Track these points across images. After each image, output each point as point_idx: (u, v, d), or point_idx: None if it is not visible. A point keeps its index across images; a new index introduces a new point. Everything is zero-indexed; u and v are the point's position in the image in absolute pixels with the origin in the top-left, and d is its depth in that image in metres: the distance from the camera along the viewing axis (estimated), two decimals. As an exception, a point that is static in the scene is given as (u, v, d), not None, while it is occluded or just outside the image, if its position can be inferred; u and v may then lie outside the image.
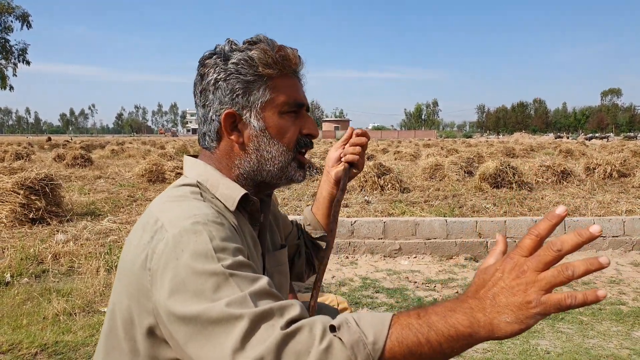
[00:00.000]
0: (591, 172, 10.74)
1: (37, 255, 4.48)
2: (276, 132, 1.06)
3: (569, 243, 0.70)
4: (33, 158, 17.11)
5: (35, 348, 2.62)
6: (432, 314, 0.75)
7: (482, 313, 0.73)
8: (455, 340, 0.73)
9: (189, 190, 1.02)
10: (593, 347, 2.92)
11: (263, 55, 1.05)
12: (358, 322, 0.76)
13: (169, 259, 0.84)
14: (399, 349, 0.74)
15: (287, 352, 0.73)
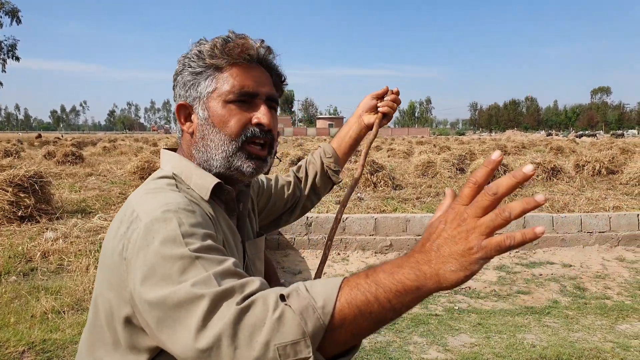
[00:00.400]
0: (580, 169, 10.85)
1: (25, 253, 4.45)
2: (218, 121, 1.08)
3: (504, 185, 0.69)
4: (22, 155, 16.98)
5: (22, 346, 2.62)
6: (379, 272, 0.76)
7: (428, 265, 0.74)
8: (403, 294, 0.74)
9: (165, 182, 1.05)
10: (577, 341, 2.96)
11: (211, 47, 1.07)
12: (309, 289, 0.77)
13: (141, 246, 0.87)
14: (348, 310, 0.75)
15: (243, 326, 0.74)
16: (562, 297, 3.81)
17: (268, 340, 0.72)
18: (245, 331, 0.74)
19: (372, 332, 0.76)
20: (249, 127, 1.08)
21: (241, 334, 0.74)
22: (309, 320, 0.73)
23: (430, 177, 10.51)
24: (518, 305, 3.62)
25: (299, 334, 0.72)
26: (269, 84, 1.14)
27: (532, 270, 4.53)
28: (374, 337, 2.97)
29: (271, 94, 1.13)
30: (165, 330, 0.81)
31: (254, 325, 0.74)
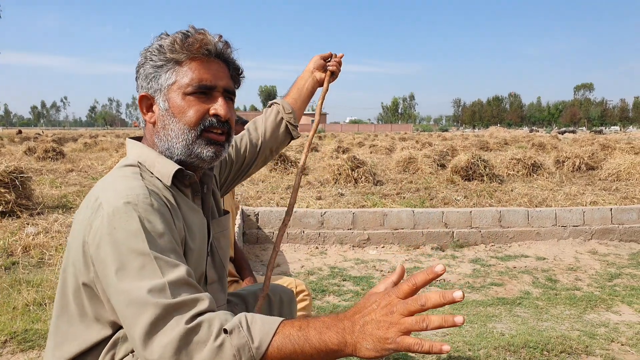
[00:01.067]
0: (561, 165, 11.04)
1: (7, 247, 4.46)
2: (177, 112, 1.15)
3: (431, 301, 0.84)
4: (3, 151, 16.73)
5: (4, 336, 2.66)
6: (311, 328, 0.90)
7: (351, 336, 0.88)
8: (325, 353, 0.89)
9: (130, 170, 1.12)
10: (546, 329, 3.08)
11: (171, 42, 1.15)
12: (250, 326, 0.90)
13: (103, 234, 0.96)
14: (277, 355, 0.89)
15: (187, 343, 0.87)
16: (533, 289, 3.95)
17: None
18: (189, 349, 0.87)
19: None
20: (207, 118, 1.16)
21: (184, 350, 0.87)
22: (243, 356, 0.87)
23: (412, 173, 10.63)
24: (490, 297, 3.75)
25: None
26: (226, 77, 1.22)
27: (506, 263, 4.66)
28: None
29: (228, 86, 1.21)
30: (122, 316, 0.93)
31: (197, 345, 0.87)
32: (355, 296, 3.66)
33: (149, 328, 0.88)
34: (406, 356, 2.65)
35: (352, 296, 3.66)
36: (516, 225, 5.36)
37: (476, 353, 2.68)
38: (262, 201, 6.55)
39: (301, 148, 18.26)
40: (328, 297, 3.65)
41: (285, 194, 7.26)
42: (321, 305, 3.43)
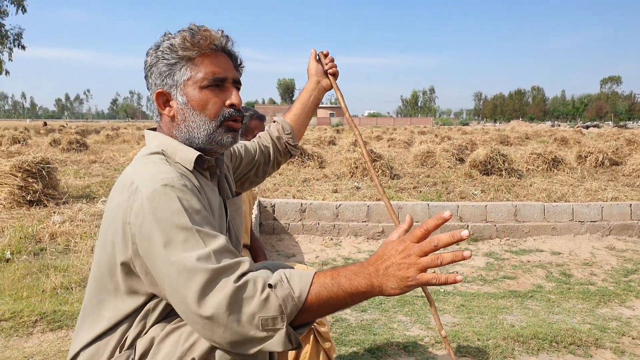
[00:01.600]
0: (583, 160, 10.87)
1: (35, 234, 4.66)
2: (197, 105, 1.26)
3: (443, 241, 1.01)
4: (29, 142, 17.18)
5: (35, 316, 2.82)
6: (342, 276, 1.06)
7: (376, 279, 1.04)
8: (355, 296, 1.05)
9: (157, 157, 1.23)
10: (556, 322, 3.12)
11: (181, 40, 1.25)
12: (290, 280, 1.04)
13: (146, 214, 1.07)
14: (316, 301, 1.04)
15: (237, 299, 1.00)
16: (546, 283, 3.97)
17: (254, 312, 0.99)
18: (239, 304, 0.99)
19: (328, 314, 1.10)
20: (225, 109, 1.28)
21: (235, 305, 0.99)
22: (288, 305, 1.01)
23: (430, 167, 10.62)
24: (503, 289, 3.79)
25: (279, 312, 1.00)
26: (232, 68, 1.33)
27: (520, 257, 4.69)
28: (360, 315, 3.15)
29: (236, 77, 1.33)
30: (170, 290, 1.05)
31: (245, 300, 1.00)
32: (369, 286, 3.74)
33: (201, 290, 1.00)
34: (416, 344, 2.72)
35: (365, 286, 3.74)
36: (532, 220, 5.37)
37: (485, 343, 2.74)
38: (278, 193, 6.66)
39: (318, 141, 18.32)
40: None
41: (301, 187, 7.35)
42: (335, 295, 3.52)
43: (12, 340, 2.62)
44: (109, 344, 1.20)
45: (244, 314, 0.99)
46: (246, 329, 0.99)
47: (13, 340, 2.62)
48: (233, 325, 0.99)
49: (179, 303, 1.04)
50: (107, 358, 1.20)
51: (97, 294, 1.21)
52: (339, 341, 2.71)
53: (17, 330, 2.71)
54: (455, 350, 2.66)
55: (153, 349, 1.14)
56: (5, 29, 33.80)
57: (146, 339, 1.16)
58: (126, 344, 1.19)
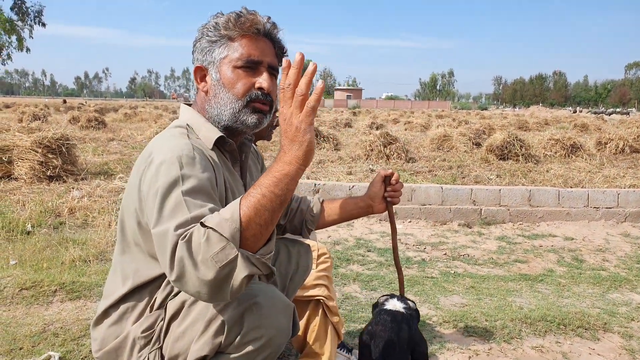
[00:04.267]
0: (602, 147, 10.67)
1: (54, 209, 4.79)
2: (228, 83, 1.31)
3: (303, 83, 1.02)
4: (49, 120, 17.45)
5: (55, 286, 2.93)
6: (261, 178, 1.05)
7: (286, 155, 1.03)
8: (278, 183, 1.03)
9: (178, 131, 1.31)
10: (565, 305, 3.13)
11: (226, 20, 1.30)
12: (221, 211, 1.03)
13: (151, 182, 1.14)
14: (249, 211, 1.00)
15: (190, 253, 0.99)
16: (558, 267, 3.97)
17: (205, 256, 0.98)
18: (193, 256, 0.99)
19: (274, 221, 1.04)
20: (252, 90, 1.31)
21: (191, 259, 0.99)
22: (224, 229, 0.99)
23: (446, 151, 10.55)
24: (513, 273, 3.80)
25: (222, 242, 0.98)
26: (272, 54, 1.35)
27: (533, 241, 4.68)
28: (370, 294, 3.19)
29: (273, 63, 1.35)
30: (158, 254, 1.09)
31: (195, 250, 0.99)
32: (379, 266, 3.79)
33: (169, 255, 1.01)
34: (424, 323, 2.76)
35: (375, 266, 3.79)
36: (546, 205, 5.34)
37: (493, 324, 2.77)
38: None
39: (334, 124, 18.26)
40: (352, 265, 3.79)
41: (316, 169, 7.38)
42: (345, 273, 3.57)
43: (32, 308, 2.73)
44: (138, 304, 1.29)
45: (200, 263, 0.98)
46: (209, 273, 0.97)
47: (34, 308, 2.73)
48: (198, 277, 0.98)
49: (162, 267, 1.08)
50: (136, 317, 1.29)
51: (125, 254, 1.29)
52: (348, 318, 2.77)
53: (38, 298, 2.82)
54: (462, 330, 2.70)
55: (184, 311, 1.22)
56: (26, 6, 34.14)
57: (177, 301, 1.24)
58: (155, 304, 1.27)
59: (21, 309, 2.71)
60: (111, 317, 1.30)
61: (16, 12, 33.86)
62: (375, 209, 1.73)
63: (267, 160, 8.05)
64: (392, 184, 1.70)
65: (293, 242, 1.73)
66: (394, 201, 1.73)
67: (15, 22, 33.33)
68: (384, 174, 1.71)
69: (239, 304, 1.15)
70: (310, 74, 1.00)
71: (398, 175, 1.72)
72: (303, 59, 1.00)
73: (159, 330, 1.25)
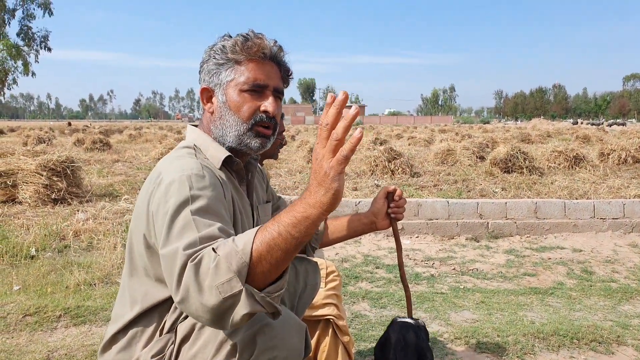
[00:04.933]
0: (605, 158, 10.65)
1: (59, 232, 4.77)
2: (234, 106, 1.32)
3: (340, 129, 0.91)
4: (54, 142, 17.57)
5: (59, 311, 2.89)
6: (282, 214, 0.98)
7: (310, 197, 0.95)
8: (297, 224, 0.96)
9: (186, 151, 1.31)
10: (577, 319, 3.08)
11: (233, 44, 1.31)
12: (235, 239, 0.98)
13: (161, 202, 1.13)
14: (262, 248, 0.95)
15: (197, 277, 0.96)
16: (568, 280, 3.92)
17: (211, 283, 0.94)
18: (199, 280, 0.96)
19: (287, 261, 0.98)
20: (258, 114, 1.32)
21: (197, 284, 0.95)
22: (232, 261, 0.94)
23: (450, 165, 10.54)
24: (523, 286, 3.75)
25: (229, 273, 0.93)
26: (277, 77, 1.37)
27: (541, 254, 4.63)
28: (380, 312, 3.15)
29: (278, 86, 1.36)
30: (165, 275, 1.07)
31: (202, 275, 0.96)
32: (388, 283, 3.74)
33: (177, 276, 0.99)
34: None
35: (384, 283, 3.74)
36: (552, 217, 5.29)
37: (505, 339, 2.72)
38: (299, 191, 6.69)
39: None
40: (361, 283, 3.75)
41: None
42: (354, 291, 3.53)
43: (36, 334, 2.69)
44: (147, 328, 1.26)
45: (206, 289, 0.95)
46: (211, 301, 0.94)
47: (37, 334, 2.69)
48: (202, 300, 0.95)
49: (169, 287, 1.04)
50: (145, 341, 1.26)
51: (133, 277, 1.28)
52: (358, 337, 2.72)
53: (42, 324, 2.78)
54: (474, 346, 2.65)
55: (194, 334, 1.19)
56: (33, 31, 34.66)
57: (187, 324, 1.21)
58: (165, 327, 1.24)
59: (25, 335, 2.67)
60: (120, 343, 1.27)
61: (22, 38, 34.38)
62: (379, 225, 1.72)
63: (272, 178, 8.05)
64: (395, 200, 1.69)
65: (300, 260, 1.70)
66: (398, 217, 1.72)
67: (22, 48, 33.80)
68: (386, 190, 1.70)
69: (251, 325, 1.12)
70: (350, 119, 0.91)
71: (401, 191, 1.70)
72: (346, 100, 0.93)
73: (170, 354, 1.22)
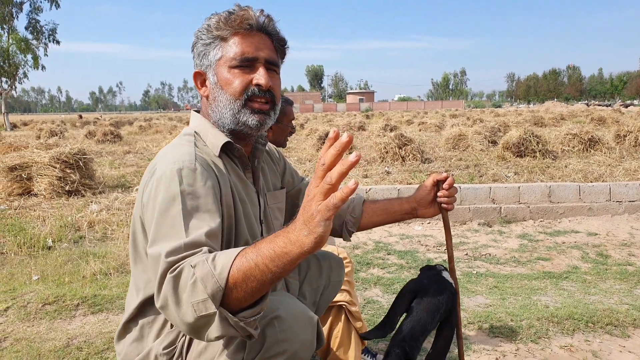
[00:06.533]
0: (622, 140, 10.46)
1: (74, 223, 4.84)
2: (224, 84, 1.26)
3: (336, 173, 0.83)
4: (66, 135, 17.73)
5: (77, 300, 2.95)
6: (263, 242, 0.93)
7: (292, 233, 0.89)
8: (276, 259, 0.90)
9: (186, 139, 1.27)
10: (592, 303, 3.05)
11: (216, 20, 1.26)
12: (215, 259, 0.95)
13: (150, 196, 1.12)
14: (237, 275, 0.92)
15: (175, 289, 0.95)
16: (582, 264, 3.89)
17: (188, 299, 0.93)
18: (177, 293, 0.95)
19: (262, 291, 0.94)
20: (250, 87, 1.25)
21: (175, 295, 0.95)
22: (208, 284, 0.92)
23: (462, 150, 10.45)
24: (537, 271, 3.73)
25: (204, 295, 0.91)
26: (268, 48, 1.29)
27: (555, 238, 4.59)
28: (391, 298, 3.15)
29: (271, 57, 1.28)
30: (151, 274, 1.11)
31: (181, 288, 0.95)
32: (400, 269, 3.74)
33: (159, 281, 0.98)
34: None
35: (396, 269, 3.74)
36: (567, 201, 5.24)
37: (519, 324, 2.71)
38: (309, 179, 6.68)
39: (348, 127, 18.24)
40: (372, 269, 3.75)
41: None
42: (365, 277, 3.54)
43: (56, 322, 2.75)
44: (156, 318, 1.26)
45: (184, 302, 0.94)
46: (187, 317, 0.94)
47: (57, 322, 2.75)
48: (179, 314, 0.95)
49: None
50: (156, 332, 1.26)
51: (137, 265, 1.27)
52: (370, 322, 2.73)
53: (61, 313, 2.84)
54: (487, 330, 2.65)
55: None
56: (41, 24, 34.80)
57: None
58: None
59: (44, 323, 2.73)
60: (132, 333, 1.28)
61: (31, 32, 34.53)
62: (421, 212, 1.60)
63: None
64: (444, 188, 1.55)
65: (325, 256, 1.68)
66: (449, 207, 1.58)
67: (30, 41, 33.97)
68: (436, 178, 1.56)
69: (260, 318, 1.08)
70: (348, 166, 0.83)
71: (453, 179, 1.56)
72: (350, 142, 0.85)
73: (181, 346, 1.22)
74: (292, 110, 2.52)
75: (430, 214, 1.60)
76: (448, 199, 1.56)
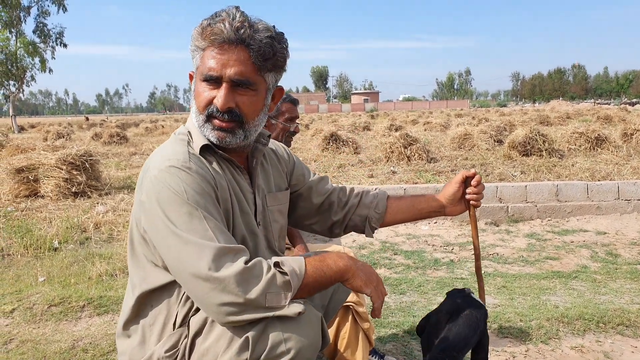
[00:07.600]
0: (629, 138, 10.36)
1: (80, 224, 4.84)
2: (195, 95, 1.27)
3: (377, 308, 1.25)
4: (73, 137, 17.81)
5: (82, 301, 2.94)
6: (328, 259, 1.20)
7: (355, 265, 1.22)
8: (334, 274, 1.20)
9: (180, 137, 1.29)
10: (603, 303, 3.02)
11: (198, 29, 1.22)
12: (287, 261, 1.15)
13: (151, 193, 1.15)
14: (310, 280, 1.16)
15: (246, 277, 1.08)
16: (592, 263, 3.84)
17: (264, 289, 1.08)
18: (247, 282, 1.08)
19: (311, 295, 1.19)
20: (211, 105, 1.23)
21: (244, 282, 1.07)
22: (293, 279, 1.11)
23: (467, 149, 10.38)
24: (545, 270, 3.69)
25: (285, 288, 1.10)
26: (241, 64, 1.19)
27: (563, 237, 4.55)
28: (399, 298, 3.13)
29: (237, 76, 1.19)
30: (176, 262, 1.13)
31: (253, 279, 1.08)
32: (407, 269, 3.71)
33: (213, 261, 1.08)
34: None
35: (403, 269, 3.72)
36: (574, 200, 5.19)
37: (528, 324, 2.68)
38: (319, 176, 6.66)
39: (353, 127, 18.20)
40: (379, 269, 3.73)
41: (337, 173, 7.34)
42: (372, 278, 3.51)
43: (61, 324, 2.74)
44: (156, 320, 1.25)
45: (254, 290, 1.07)
46: (256, 301, 1.07)
47: (63, 324, 2.74)
48: (242, 295, 1.06)
49: (181, 271, 1.11)
50: (157, 334, 1.24)
51: (132, 260, 1.29)
52: (378, 323, 2.71)
53: (66, 314, 2.83)
54: (496, 331, 2.61)
55: (207, 327, 1.18)
56: (48, 28, 35.01)
57: (199, 317, 1.20)
58: (177, 321, 1.23)
59: (50, 325, 2.72)
60: (135, 336, 1.26)
61: (38, 35, 34.74)
62: (449, 210, 1.59)
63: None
64: (473, 185, 1.55)
65: None
66: (477, 204, 1.57)
67: (38, 45, 34.18)
68: (465, 175, 1.55)
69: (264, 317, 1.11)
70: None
71: (480, 176, 1.57)
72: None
73: (184, 347, 1.20)
74: (293, 109, 2.48)
75: (458, 211, 1.60)
76: (477, 196, 1.56)
